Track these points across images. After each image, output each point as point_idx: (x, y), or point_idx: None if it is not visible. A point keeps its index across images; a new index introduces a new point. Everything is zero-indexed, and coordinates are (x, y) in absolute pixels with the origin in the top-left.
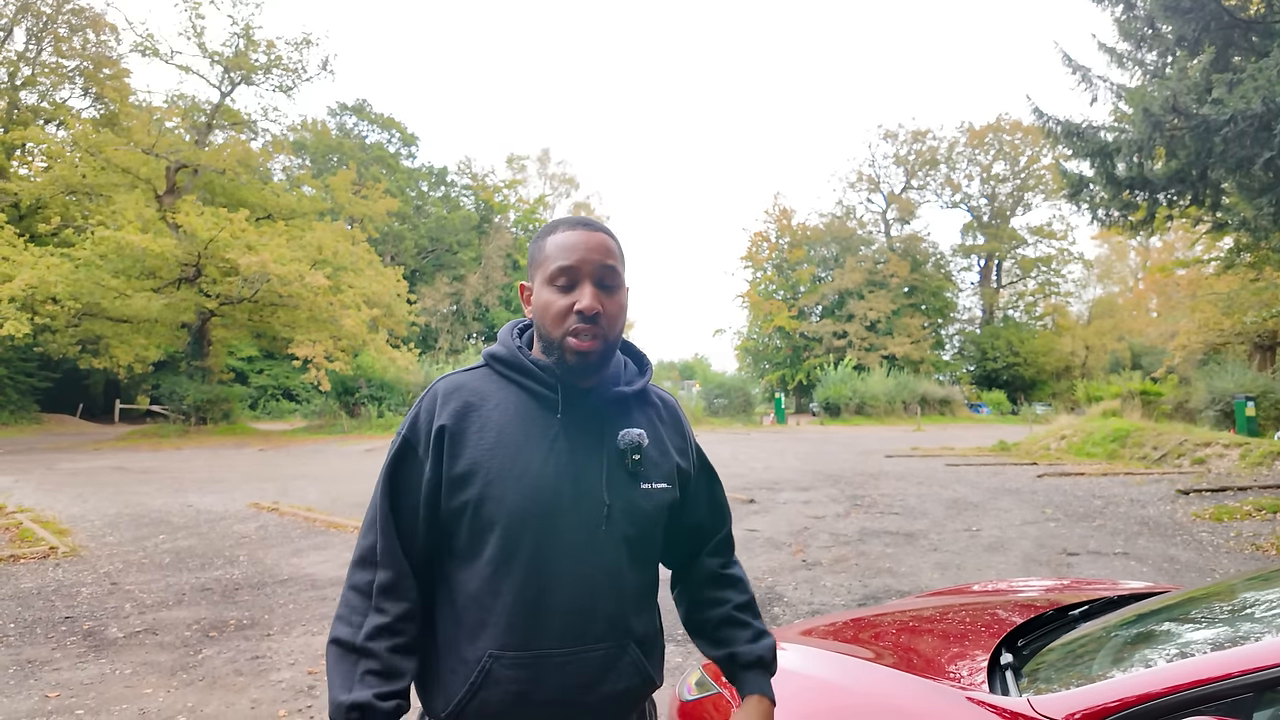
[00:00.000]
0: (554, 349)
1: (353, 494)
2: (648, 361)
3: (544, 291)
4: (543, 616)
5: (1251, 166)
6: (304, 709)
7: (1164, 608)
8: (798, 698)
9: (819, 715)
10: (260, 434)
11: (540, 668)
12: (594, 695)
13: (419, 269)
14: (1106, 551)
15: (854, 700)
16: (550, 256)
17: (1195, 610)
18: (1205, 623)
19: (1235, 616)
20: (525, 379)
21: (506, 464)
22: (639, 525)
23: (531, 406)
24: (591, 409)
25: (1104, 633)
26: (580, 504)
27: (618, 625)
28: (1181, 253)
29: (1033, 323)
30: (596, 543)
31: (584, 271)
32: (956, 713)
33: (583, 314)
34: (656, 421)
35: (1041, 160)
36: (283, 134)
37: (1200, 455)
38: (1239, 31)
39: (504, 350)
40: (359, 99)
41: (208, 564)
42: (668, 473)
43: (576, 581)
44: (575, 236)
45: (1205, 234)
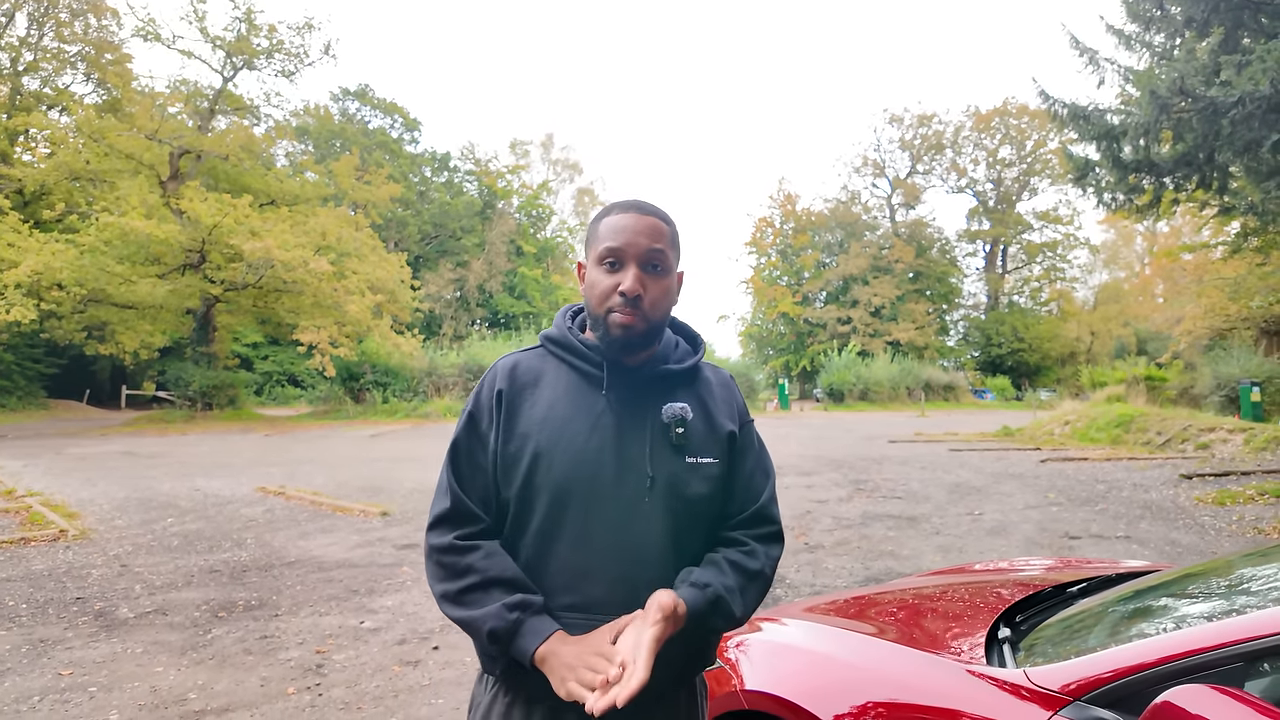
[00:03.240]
0: (599, 324)
1: (359, 478)
2: (701, 340)
3: (593, 271)
4: (589, 581)
5: (1260, 149)
6: (312, 686)
7: (1159, 584)
8: (801, 672)
9: (822, 688)
10: (266, 419)
11: (589, 630)
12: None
13: (422, 255)
14: (1109, 535)
15: (856, 674)
16: (601, 238)
17: (1189, 586)
18: (1198, 597)
19: (1228, 591)
20: (574, 358)
21: (554, 436)
22: (683, 497)
23: (580, 383)
24: (637, 385)
25: (1100, 608)
26: (624, 476)
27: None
28: (1188, 237)
29: (1038, 308)
30: (641, 514)
31: (630, 254)
32: (955, 684)
33: (624, 295)
34: (706, 397)
35: (1048, 144)
36: (285, 119)
37: (1204, 440)
38: (1248, 12)
39: (556, 332)
40: (361, 84)
41: (215, 547)
42: (715, 447)
43: (620, 550)
44: (626, 220)
45: (1212, 218)
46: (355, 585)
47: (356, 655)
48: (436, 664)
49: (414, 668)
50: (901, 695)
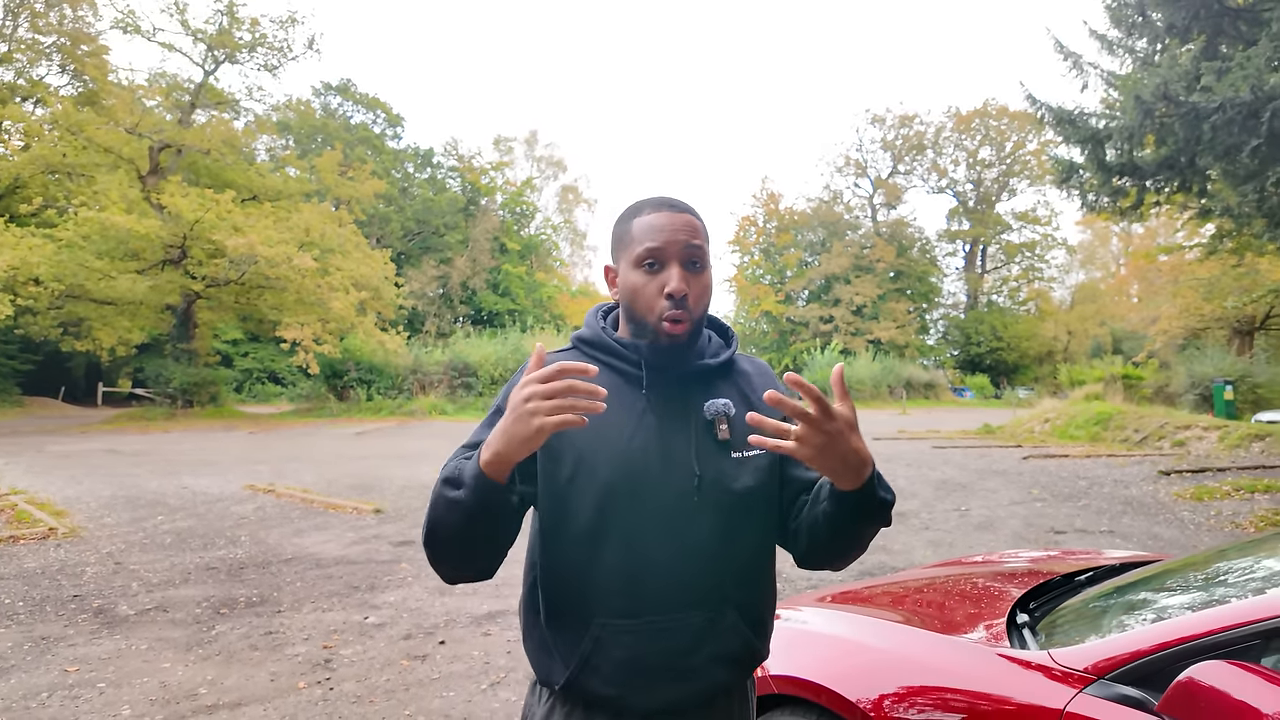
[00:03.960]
0: (646, 332)
1: (348, 476)
2: (733, 333)
3: (632, 274)
4: (642, 585)
5: (1239, 154)
6: (322, 681)
7: (1165, 571)
8: (827, 657)
9: (850, 672)
10: (248, 417)
11: (644, 634)
12: (698, 658)
13: (405, 251)
14: (1092, 530)
15: (881, 657)
16: (637, 239)
17: (1194, 573)
18: (1205, 582)
19: (1235, 576)
20: (611, 358)
21: (596, 439)
22: (733, 494)
23: (619, 384)
24: (677, 383)
25: (1113, 593)
26: (670, 476)
27: (715, 592)
28: (1163, 239)
29: (1016, 307)
30: (689, 513)
31: (671, 253)
32: (982, 666)
33: (672, 296)
34: (746, 389)
35: (1027, 146)
36: (266, 114)
37: (1180, 438)
38: (1228, 20)
39: (590, 333)
40: (343, 79)
41: (210, 544)
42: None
43: (671, 550)
44: (662, 218)
45: (1188, 220)
46: (355, 581)
47: (364, 650)
48: (444, 658)
49: (422, 662)
50: (929, 677)
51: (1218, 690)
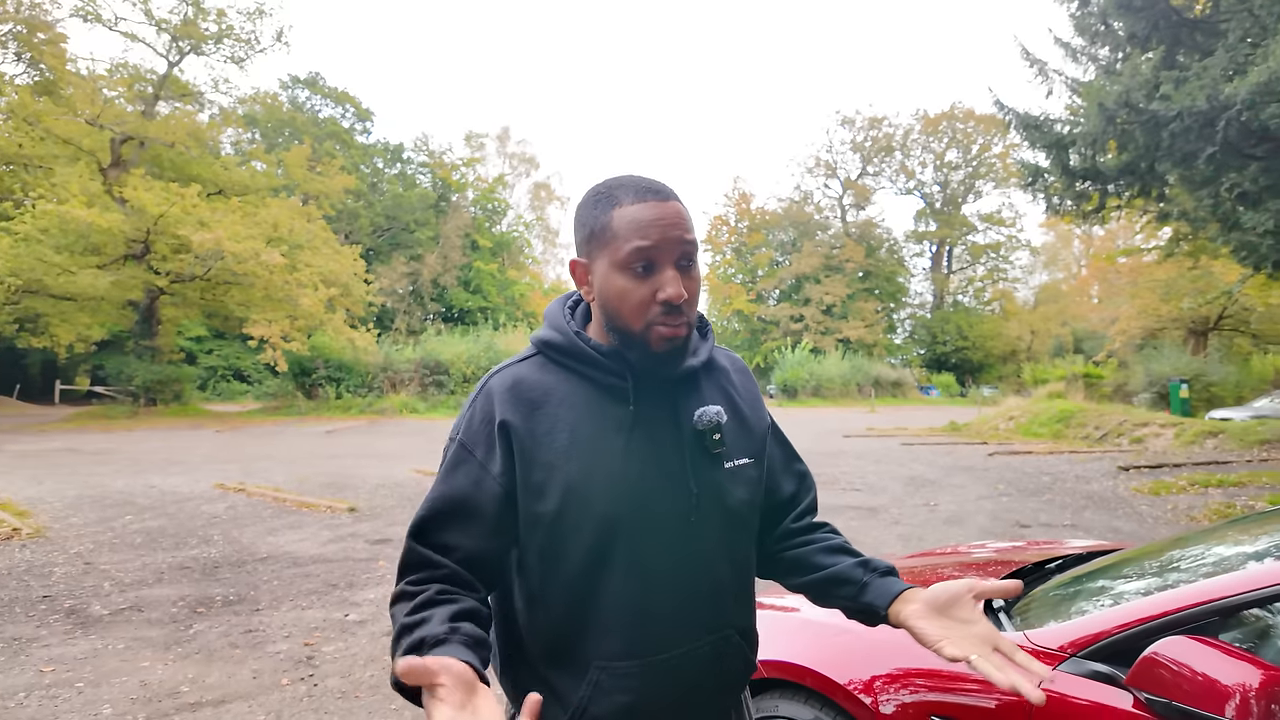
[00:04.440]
0: (634, 343)
1: (320, 475)
2: (708, 325)
3: (616, 278)
4: (647, 619)
5: (1195, 161)
6: (306, 678)
7: (1128, 558)
8: (814, 641)
9: (836, 655)
10: (214, 415)
11: (651, 674)
12: (705, 690)
13: (375, 248)
14: (1056, 524)
15: (872, 640)
16: (622, 235)
17: (1156, 559)
18: (1166, 568)
19: (1192, 562)
20: (589, 368)
21: (587, 465)
22: (729, 509)
23: (599, 397)
24: (662, 391)
25: (1080, 579)
26: (669, 497)
27: (720, 615)
28: (1123, 241)
29: (981, 307)
30: (689, 534)
31: (665, 254)
32: None
33: (669, 303)
34: (730, 389)
35: (993, 149)
36: (232, 106)
37: (1138, 435)
38: (1186, 30)
39: (560, 337)
40: (312, 72)
41: (181, 544)
42: (750, 445)
43: (677, 578)
44: (650, 210)
45: (1147, 224)
46: (333, 580)
47: (346, 647)
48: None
49: None
50: (914, 659)
51: (1180, 662)
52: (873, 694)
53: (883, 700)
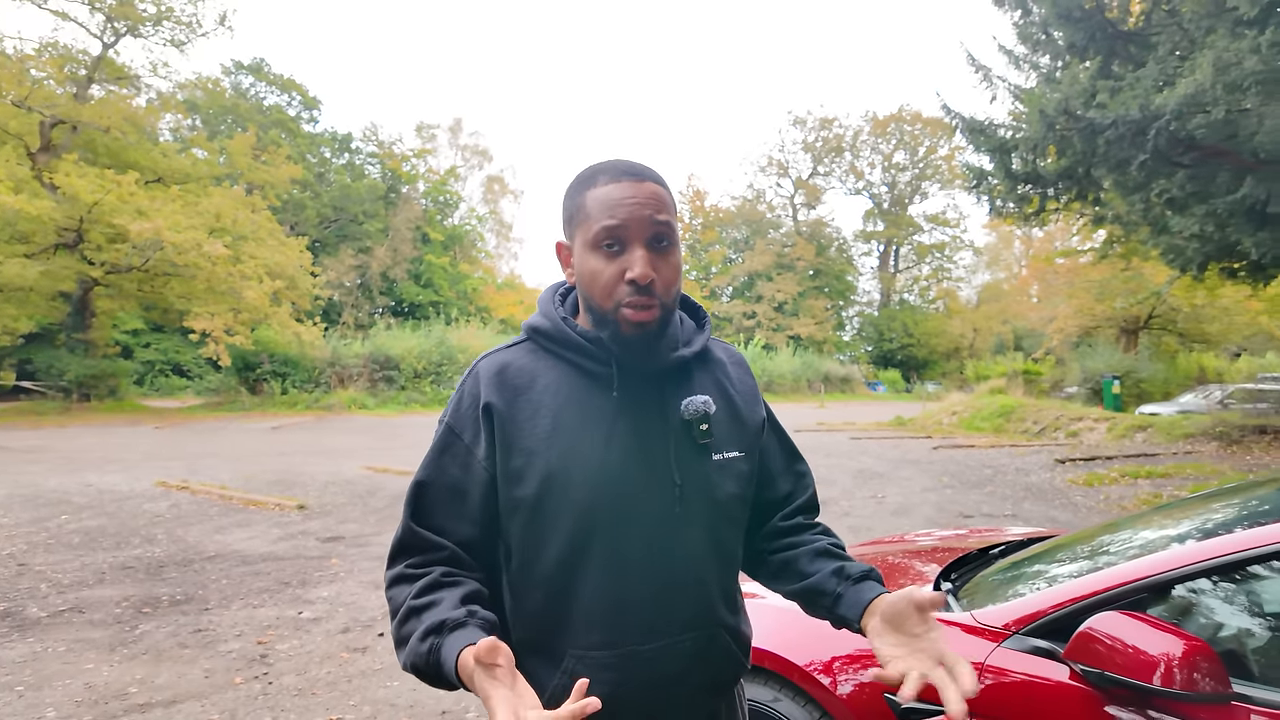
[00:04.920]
0: (607, 322)
1: (267, 472)
2: (705, 315)
3: (589, 258)
4: (625, 610)
5: (1128, 167)
6: (260, 676)
7: (1065, 542)
8: (775, 625)
9: (795, 638)
10: (153, 411)
11: (628, 665)
12: (687, 686)
13: (322, 240)
14: (997, 514)
15: (823, 625)
16: (593, 215)
17: (1090, 542)
18: (1100, 550)
19: (1122, 544)
20: (575, 355)
21: (567, 453)
22: (715, 502)
23: (585, 384)
24: (649, 380)
25: (1022, 562)
26: (651, 487)
27: (704, 612)
28: (1060, 243)
29: (926, 306)
30: (672, 526)
31: (634, 233)
32: None
33: (636, 283)
34: (724, 380)
35: (939, 151)
36: (171, 91)
37: (1074, 429)
38: (1121, 42)
39: (547, 323)
40: (256, 58)
41: (123, 543)
42: (742, 439)
43: (656, 570)
44: (621, 190)
45: (1083, 226)
46: (285, 578)
47: (301, 644)
48: (385, 649)
49: (363, 654)
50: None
51: (1112, 636)
52: (831, 675)
53: (841, 680)
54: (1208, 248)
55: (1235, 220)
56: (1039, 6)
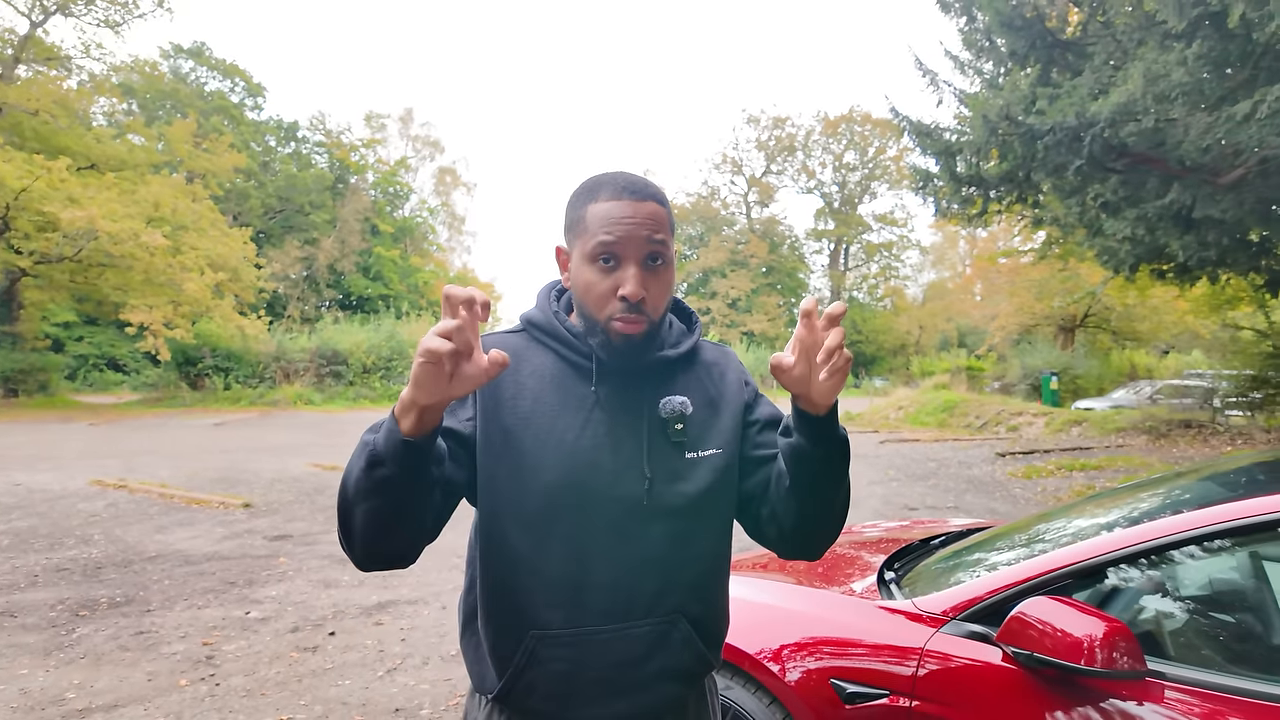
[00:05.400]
0: (597, 331)
1: (210, 470)
2: (696, 319)
3: (585, 269)
4: (584, 593)
5: (1065, 172)
6: (206, 677)
7: (1001, 532)
8: (740, 614)
9: (747, 626)
10: (87, 407)
11: (584, 646)
12: (645, 672)
13: (266, 231)
14: (940, 506)
15: (774, 612)
16: (591, 229)
17: (1024, 532)
18: (1033, 539)
19: (1053, 533)
20: (562, 346)
21: (542, 434)
22: (686, 497)
23: (568, 374)
24: (630, 377)
25: (960, 552)
26: (620, 478)
27: (665, 601)
28: (1003, 243)
29: (874, 303)
30: (638, 517)
31: (629, 251)
32: (859, 614)
33: (627, 300)
34: (707, 382)
35: (888, 152)
36: (104, 74)
37: (1014, 423)
38: (1059, 51)
39: (540, 316)
40: (197, 41)
41: (57, 544)
42: (720, 435)
43: (618, 557)
44: (621, 208)
45: (1024, 227)
46: (231, 577)
47: (249, 645)
48: (336, 648)
49: (313, 653)
50: (818, 627)
51: (1041, 620)
52: (780, 662)
53: (789, 667)
54: (1138, 250)
55: (1163, 224)
56: (983, 14)
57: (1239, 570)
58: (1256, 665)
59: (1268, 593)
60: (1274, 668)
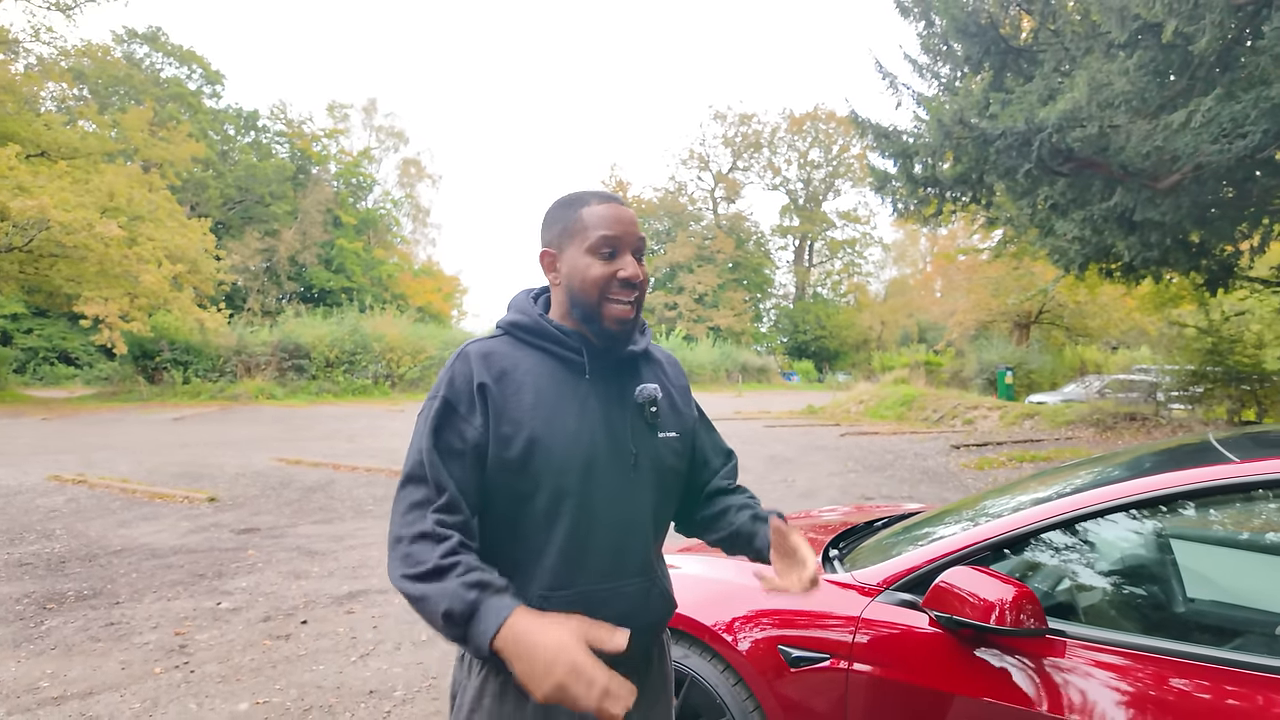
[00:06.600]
0: (593, 316)
1: (172, 464)
2: (645, 323)
3: (585, 261)
4: (588, 557)
5: (1016, 175)
6: (180, 665)
7: (932, 515)
8: (688, 590)
9: (704, 600)
10: (38, 402)
11: (586, 604)
12: (634, 624)
13: (225, 221)
14: (896, 496)
15: (729, 587)
16: (591, 226)
17: (951, 514)
18: (957, 519)
19: (974, 513)
20: (552, 345)
21: (548, 422)
22: (660, 471)
23: (560, 370)
24: (612, 369)
25: (900, 532)
26: (614, 455)
27: (646, 561)
28: (962, 241)
29: (838, 299)
30: (628, 489)
31: (626, 242)
32: None
33: (628, 281)
34: (663, 376)
35: (851, 150)
36: (54, 58)
37: (970, 417)
38: (1012, 57)
39: (526, 319)
40: (152, 27)
41: (17, 540)
42: (679, 423)
43: (614, 523)
44: (613, 210)
45: (980, 227)
46: (200, 570)
47: (221, 634)
48: (309, 636)
49: (286, 641)
50: (762, 603)
51: (960, 587)
52: (733, 633)
53: (741, 637)
54: (1087, 249)
55: (1109, 226)
56: (940, 19)
57: (1131, 540)
58: (1143, 623)
59: (1152, 560)
60: (1157, 626)
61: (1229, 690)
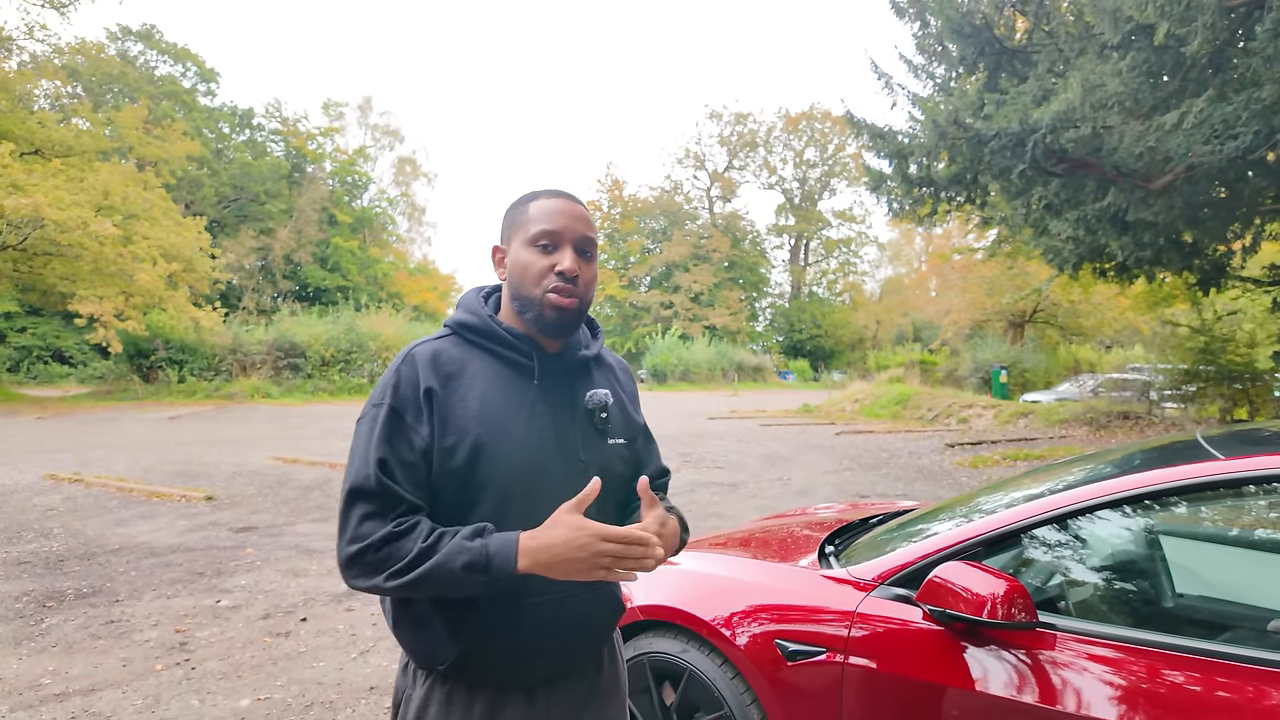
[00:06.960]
0: (531, 307)
1: (168, 463)
2: (598, 326)
3: (524, 252)
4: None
5: (1010, 175)
6: (181, 662)
7: (926, 512)
8: (685, 586)
9: (703, 595)
10: (33, 401)
11: (538, 608)
12: (586, 627)
13: (220, 220)
14: (890, 494)
15: (728, 583)
16: (533, 219)
17: (944, 511)
18: (950, 516)
19: (968, 510)
20: (500, 347)
21: (494, 429)
22: (612, 476)
23: (508, 374)
24: (562, 373)
25: (895, 529)
26: (562, 462)
27: None
28: (957, 241)
29: (833, 298)
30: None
31: (566, 237)
32: (802, 582)
33: (563, 274)
34: (614, 382)
35: (847, 149)
36: (47, 55)
37: (964, 415)
38: (1006, 58)
39: (475, 319)
40: (146, 24)
41: (15, 538)
42: (628, 429)
43: None
44: (559, 204)
45: (974, 227)
46: (199, 568)
47: (221, 631)
48: (309, 633)
49: (286, 638)
50: (765, 595)
51: (953, 581)
52: (731, 627)
53: (739, 632)
54: (1081, 249)
55: (1102, 226)
56: (935, 19)
57: (1121, 536)
58: (1133, 617)
59: (1142, 556)
60: (1146, 620)
61: (1217, 681)
